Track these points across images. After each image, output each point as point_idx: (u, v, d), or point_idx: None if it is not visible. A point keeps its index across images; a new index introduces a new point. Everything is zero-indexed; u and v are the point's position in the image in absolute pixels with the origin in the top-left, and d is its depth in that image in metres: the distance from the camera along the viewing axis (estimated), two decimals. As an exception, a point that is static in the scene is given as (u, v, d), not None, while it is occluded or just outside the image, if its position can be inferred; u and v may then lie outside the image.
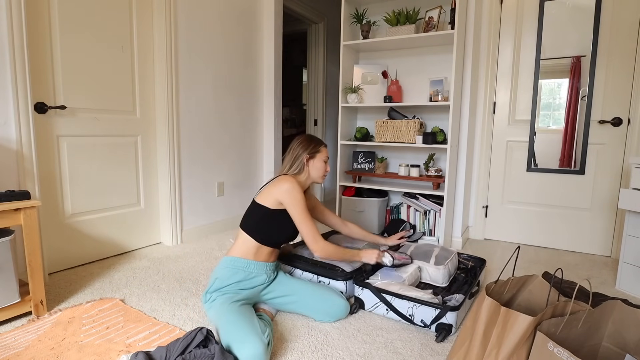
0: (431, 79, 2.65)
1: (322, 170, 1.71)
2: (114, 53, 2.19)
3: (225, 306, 1.40)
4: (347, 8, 2.77)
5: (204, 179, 2.74)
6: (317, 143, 1.72)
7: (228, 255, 1.58)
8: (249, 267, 1.54)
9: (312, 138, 1.73)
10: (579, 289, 1.68)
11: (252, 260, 1.55)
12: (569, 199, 2.62)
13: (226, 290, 1.50)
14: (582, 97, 2.50)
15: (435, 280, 1.83)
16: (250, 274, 1.54)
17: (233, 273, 1.52)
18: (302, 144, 1.70)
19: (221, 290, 1.50)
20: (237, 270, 1.53)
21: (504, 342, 0.98)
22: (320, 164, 1.70)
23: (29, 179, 1.78)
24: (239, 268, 1.53)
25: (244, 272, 1.53)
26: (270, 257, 1.62)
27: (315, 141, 1.72)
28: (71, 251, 2.09)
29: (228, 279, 1.51)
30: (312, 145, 1.70)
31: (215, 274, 1.55)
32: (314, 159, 1.69)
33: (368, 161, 2.87)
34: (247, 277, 1.53)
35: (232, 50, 2.87)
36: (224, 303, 1.42)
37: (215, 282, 1.52)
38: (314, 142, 1.72)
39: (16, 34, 1.68)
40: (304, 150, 1.68)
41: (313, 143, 1.71)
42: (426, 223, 2.71)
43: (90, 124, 2.11)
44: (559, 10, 2.52)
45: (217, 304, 1.43)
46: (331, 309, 1.56)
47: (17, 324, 1.50)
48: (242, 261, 1.54)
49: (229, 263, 1.54)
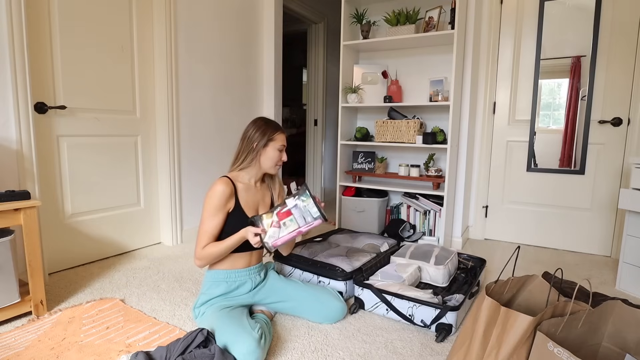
0: (431, 79, 2.65)
1: (274, 160, 1.53)
2: (114, 53, 2.19)
3: (215, 314, 1.38)
4: (347, 8, 2.77)
5: (204, 178, 2.74)
6: (273, 129, 1.53)
7: (208, 269, 1.54)
8: (230, 277, 1.50)
9: (268, 122, 1.55)
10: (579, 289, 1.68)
11: (231, 270, 1.51)
12: (569, 199, 2.62)
13: (213, 302, 1.47)
14: (582, 97, 2.50)
15: (435, 280, 1.83)
16: (233, 284, 1.50)
17: (215, 286, 1.49)
18: (254, 128, 1.53)
19: (208, 302, 1.47)
20: (218, 282, 1.49)
21: (504, 342, 0.98)
22: (274, 153, 1.52)
23: (29, 179, 1.78)
24: (220, 280, 1.49)
25: (226, 283, 1.49)
26: (251, 261, 1.56)
27: (270, 126, 1.54)
28: (71, 251, 2.09)
29: (212, 293, 1.48)
30: (266, 132, 1.52)
31: (201, 289, 1.53)
32: (267, 147, 1.51)
33: (368, 161, 2.87)
34: (230, 287, 1.49)
35: (232, 50, 2.87)
36: (214, 312, 1.40)
37: (200, 297, 1.50)
38: (268, 127, 1.53)
39: (16, 34, 1.68)
40: (255, 136, 1.51)
41: (267, 129, 1.52)
42: (426, 223, 2.71)
43: (90, 124, 2.11)
44: (559, 10, 2.52)
45: (208, 315, 1.41)
46: (328, 312, 1.55)
47: (17, 324, 1.50)
48: (221, 273, 1.50)
49: (210, 277, 1.51)
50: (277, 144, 1.53)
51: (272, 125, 1.55)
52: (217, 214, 1.45)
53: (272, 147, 1.52)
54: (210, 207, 1.44)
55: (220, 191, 1.44)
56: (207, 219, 1.45)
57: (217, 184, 1.45)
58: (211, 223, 1.45)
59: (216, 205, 1.44)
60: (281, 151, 1.55)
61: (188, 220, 2.65)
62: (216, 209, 1.44)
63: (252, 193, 1.56)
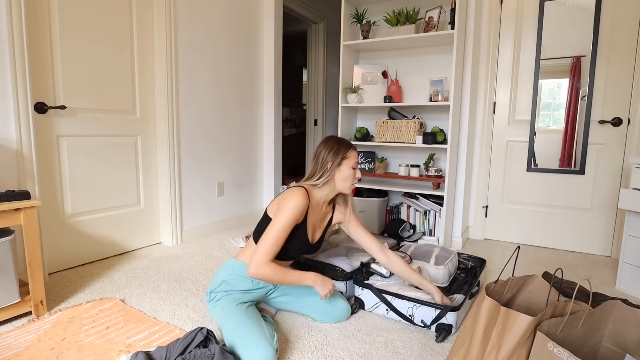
0: (431, 79, 2.65)
1: (350, 180, 1.49)
2: (114, 53, 2.19)
3: (231, 308, 1.37)
4: (347, 8, 2.77)
5: (204, 178, 2.74)
6: (345, 147, 1.49)
7: (238, 258, 1.49)
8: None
9: (340, 141, 1.51)
10: (579, 289, 1.68)
11: None
12: (569, 199, 2.62)
13: (232, 292, 1.45)
14: (582, 97, 2.50)
15: (435, 280, 1.83)
16: (258, 284, 1.48)
17: (241, 281, 1.45)
18: (327, 148, 1.49)
19: (228, 292, 1.45)
20: (245, 278, 1.46)
21: (504, 342, 0.98)
22: (348, 172, 1.48)
23: (29, 179, 1.78)
24: (247, 277, 1.45)
25: (251, 281, 1.46)
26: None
27: (343, 145, 1.50)
28: (71, 251, 2.09)
29: (236, 286, 1.45)
30: (339, 151, 1.48)
31: (221, 276, 1.48)
32: (341, 165, 1.48)
33: (368, 161, 2.87)
34: (254, 286, 1.47)
35: (232, 50, 2.87)
36: (230, 304, 1.39)
37: (222, 284, 1.46)
38: (341, 146, 1.49)
39: (16, 34, 1.68)
40: (329, 156, 1.47)
41: (339, 147, 1.49)
42: (426, 223, 2.70)
43: (90, 124, 2.11)
44: (559, 10, 2.52)
45: (223, 304, 1.40)
46: (333, 311, 1.55)
47: (17, 324, 1.50)
48: None
49: (238, 269, 1.46)
50: (350, 161, 1.49)
51: (345, 144, 1.51)
52: (290, 226, 1.39)
53: (346, 166, 1.48)
54: (289, 217, 1.37)
55: (303, 205, 1.39)
56: (283, 229, 1.37)
57: (298, 195, 1.38)
58: (284, 233, 1.38)
59: (295, 217, 1.38)
60: (355, 169, 1.51)
61: (188, 220, 2.65)
62: (294, 220, 1.39)
63: (316, 213, 1.54)
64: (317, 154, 1.51)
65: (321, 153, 1.50)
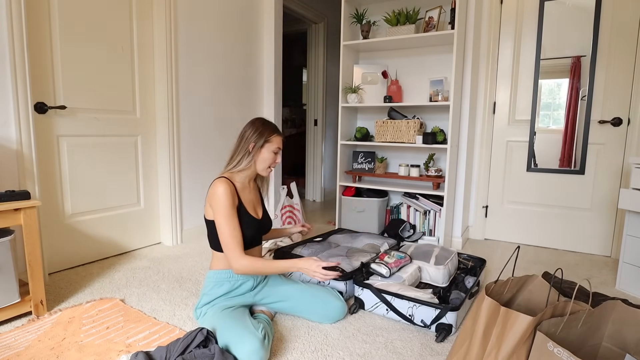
0: (431, 79, 2.65)
1: (268, 162, 1.53)
2: (114, 53, 2.19)
3: (217, 314, 1.38)
4: (347, 8, 2.77)
5: (204, 178, 2.74)
6: (271, 130, 1.53)
7: (210, 269, 1.54)
8: (233, 276, 1.50)
9: (266, 124, 1.54)
10: (579, 289, 1.68)
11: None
12: (569, 199, 2.62)
13: (215, 302, 1.47)
14: (582, 97, 2.50)
15: (435, 280, 1.83)
16: (237, 282, 1.50)
17: (218, 286, 1.48)
18: (252, 128, 1.51)
19: (211, 303, 1.47)
20: (221, 282, 1.49)
21: (504, 342, 0.98)
22: (269, 155, 1.52)
23: (29, 179, 1.78)
24: (223, 280, 1.49)
25: (229, 282, 1.49)
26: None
27: (268, 128, 1.53)
28: (71, 251, 2.09)
29: (215, 293, 1.48)
30: (263, 133, 1.51)
31: (203, 290, 1.52)
32: (263, 148, 1.51)
33: (368, 161, 2.87)
34: (233, 286, 1.49)
35: (232, 50, 2.87)
36: (216, 312, 1.40)
37: (203, 298, 1.49)
38: (266, 128, 1.52)
39: (16, 34, 1.68)
40: (253, 137, 1.50)
41: (264, 130, 1.51)
42: (426, 223, 2.71)
43: (90, 124, 2.11)
44: (559, 10, 2.52)
45: (209, 315, 1.41)
46: (328, 312, 1.55)
47: (17, 324, 1.50)
48: (224, 272, 1.50)
49: (212, 277, 1.50)
50: (272, 145, 1.52)
51: (270, 127, 1.54)
52: (233, 212, 1.42)
53: (267, 149, 1.51)
54: (222, 208, 1.40)
55: (225, 190, 1.41)
56: (226, 222, 1.41)
57: (218, 184, 1.42)
58: (232, 224, 1.41)
59: (229, 204, 1.41)
60: (276, 154, 1.54)
61: (188, 220, 2.65)
62: (230, 207, 1.42)
63: (247, 192, 1.57)
64: (242, 133, 1.54)
65: (246, 132, 1.52)
